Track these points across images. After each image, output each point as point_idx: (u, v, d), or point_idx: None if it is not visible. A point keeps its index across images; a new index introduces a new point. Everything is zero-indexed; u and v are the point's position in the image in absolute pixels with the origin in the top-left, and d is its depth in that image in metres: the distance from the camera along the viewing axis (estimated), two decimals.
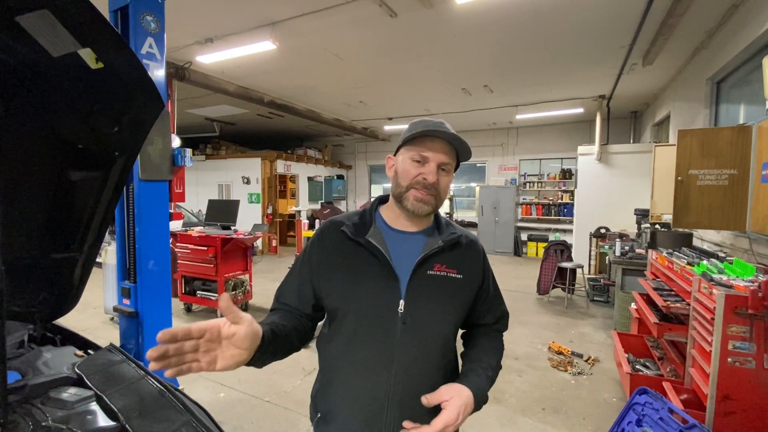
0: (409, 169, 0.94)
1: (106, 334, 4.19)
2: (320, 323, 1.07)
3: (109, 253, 3.95)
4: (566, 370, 3.47)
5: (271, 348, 0.82)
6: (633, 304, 3.49)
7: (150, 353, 0.63)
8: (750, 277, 2.11)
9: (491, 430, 2.62)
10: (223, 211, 5.20)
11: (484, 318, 1.08)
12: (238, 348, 0.71)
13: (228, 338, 0.70)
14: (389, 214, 1.02)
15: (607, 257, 5.73)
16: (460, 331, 1.11)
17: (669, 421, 1.82)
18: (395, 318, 0.91)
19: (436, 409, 0.87)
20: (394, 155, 1.02)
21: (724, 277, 2.12)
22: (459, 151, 0.97)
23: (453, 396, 0.86)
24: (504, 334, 1.13)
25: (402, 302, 0.92)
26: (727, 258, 2.65)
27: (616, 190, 6.89)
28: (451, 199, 10.92)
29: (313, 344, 1.09)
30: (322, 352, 1.02)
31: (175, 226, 5.67)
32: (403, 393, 0.91)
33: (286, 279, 1.05)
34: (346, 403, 0.95)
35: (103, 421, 1.04)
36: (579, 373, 3.43)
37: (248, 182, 9.68)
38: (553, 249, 5.89)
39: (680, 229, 3.53)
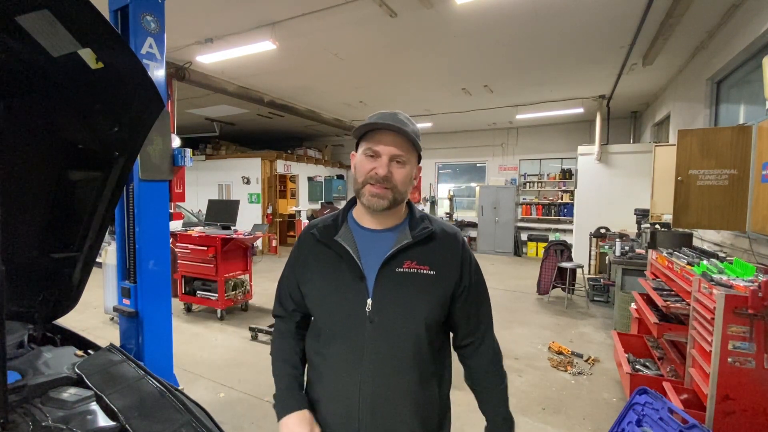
0: (363, 164, 0.93)
1: (106, 334, 4.19)
2: None
3: (109, 253, 3.95)
4: (566, 370, 3.47)
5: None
6: (633, 304, 3.49)
7: None
8: (750, 277, 2.10)
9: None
10: (223, 211, 5.20)
11: (468, 323, 1.02)
12: None
13: None
14: (359, 212, 1.02)
15: (607, 257, 5.73)
16: (462, 370, 1.09)
17: (669, 421, 1.81)
18: (363, 317, 0.91)
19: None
20: (356, 151, 1.00)
21: (724, 277, 2.12)
22: (414, 142, 0.94)
23: None
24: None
25: (369, 301, 0.92)
26: (727, 258, 2.65)
27: (616, 190, 6.89)
28: (451, 199, 10.93)
29: None
30: (307, 349, 1.05)
31: (175, 226, 5.67)
32: (375, 393, 0.91)
33: (281, 282, 1.10)
34: (324, 401, 0.97)
35: (103, 421, 1.04)
36: (579, 373, 3.43)
37: (248, 182, 9.68)
38: (553, 249, 5.89)
39: (680, 229, 3.53)
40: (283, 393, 1.00)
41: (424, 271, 0.94)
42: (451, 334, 1.08)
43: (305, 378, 1.05)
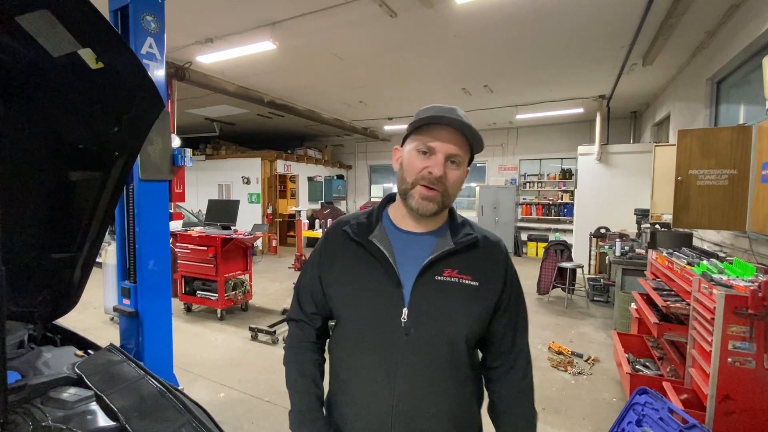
0: (414, 161, 0.84)
1: (106, 334, 4.19)
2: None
3: (109, 253, 3.95)
4: (566, 370, 3.47)
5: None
6: (633, 304, 3.49)
7: None
8: (750, 277, 2.10)
9: (491, 429, 2.61)
10: (223, 211, 5.20)
11: (501, 342, 0.92)
12: None
13: None
14: (396, 212, 0.93)
15: (607, 257, 5.73)
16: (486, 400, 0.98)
17: (669, 421, 1.81)
18: (398, 328, 0.83)
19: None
20: (402, 145, 0.91)
21: (724, 277, 2.12)
22: (472, 142, 0.85)
23: None
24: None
25: (405, 310, 0.83)
26: (727, 258, 2.65)
27: (616, 190, 6.89)
28: None
29: None
30: (331, 357, 0.96)
31: (175, 226, 5.67)
32: (409, 411, 0.83)
33: (301, 281, 1.01)
34: (351, 416, 0.89)
35: (103, 421, 1.04)
36: (579, 373, 3.43)
37: (248, 182, 9.68)
38: (553, 249, 5.89)
39: (680, 229, 3.53)
40: (303, 415, 0.91)
41: (467, 282, 0.85)
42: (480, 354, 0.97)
43: (326, 391, 0.97)
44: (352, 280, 0.89)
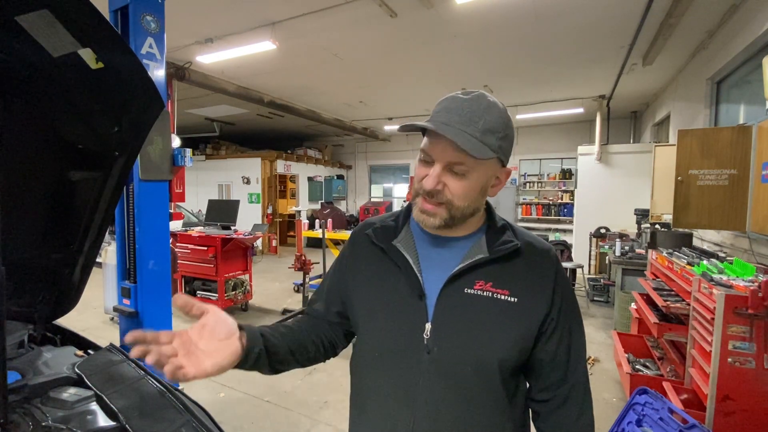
0: (418, 169, 0.76)
1: (106, 334, 4.20)
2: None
3: (109, 253, 3.95)
4: None
5: (271, 343, 0.76)
6: (633, 304, 3.49)
7: (127, 337, 0.60)
8: (750, 277, 2.10)
9: None
10: (223, 211, 5.20)
11: (550, 371, 0.78)
12: (219, 340, 0.67)
13: (202, 337, 0.67)
14: None
15: (607, 257, 5.72)
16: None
17: (669, 421, 1.81)
18: (419, 345, 0.73)
19: None
20: None
21: (724, 277, 2.12)
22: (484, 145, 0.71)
23: None
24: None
25: (428, 326, 0.74)
26: (727, 258, 2.65)
27: (616, 190, 6.89)
28: None
29: None
30: (351, 376, 0.88)
31: (175, 226, 5.67)
32: None
33: (321, 285, 0.95)
34: None
35: (103, 421, 1.04)
36: None
37: (248, 182, 9.68)
38: None
39: (680, 229, 3.53)
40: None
41: (502, 297, 0.73)
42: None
43: (308, 361, 0.89)
44: (372, 289, 0.81)
